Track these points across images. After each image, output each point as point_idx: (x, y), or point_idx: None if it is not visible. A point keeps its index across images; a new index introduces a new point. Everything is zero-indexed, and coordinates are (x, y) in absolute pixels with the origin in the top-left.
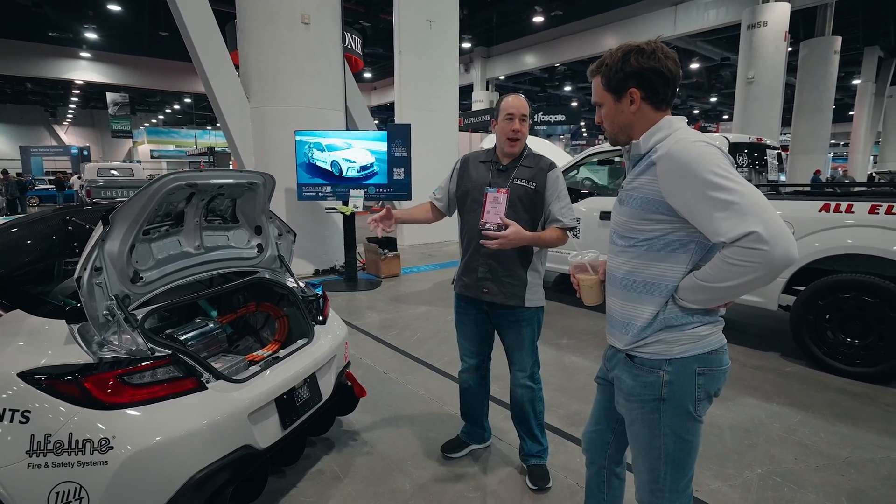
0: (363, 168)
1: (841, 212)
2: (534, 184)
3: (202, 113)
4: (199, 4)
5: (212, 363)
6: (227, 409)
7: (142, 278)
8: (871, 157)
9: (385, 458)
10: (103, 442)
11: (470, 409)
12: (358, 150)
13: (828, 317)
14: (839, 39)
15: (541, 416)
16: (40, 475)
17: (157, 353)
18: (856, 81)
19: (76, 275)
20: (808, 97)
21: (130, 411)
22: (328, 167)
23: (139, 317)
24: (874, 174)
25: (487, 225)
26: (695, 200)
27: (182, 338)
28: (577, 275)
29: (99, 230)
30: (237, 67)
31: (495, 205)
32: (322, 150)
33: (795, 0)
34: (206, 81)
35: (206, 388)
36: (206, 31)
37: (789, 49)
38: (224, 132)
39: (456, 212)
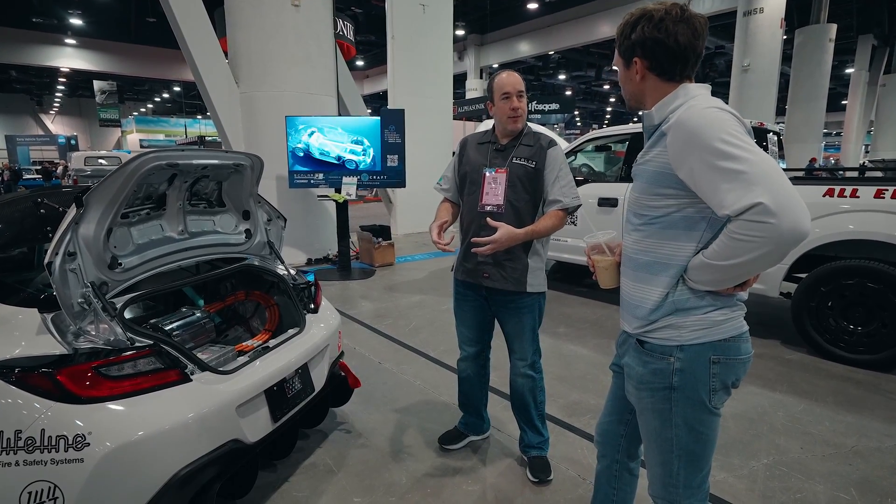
0: (356, 154)
1: (846, 196)
2: (533, 162)
3: (192, 101)
4: None
5: (198, 354)
6: (214, 402)
7: (121, 264)
8: (864, 147)
9: (380, 451)
10: (79, 438)
11: (468, 399)
12: (351, 136)
13: (830, 304)
14: (834, 27)
15: (542, 406)
16: (10, 474)
17: (137, 344)
18: (849, 70)
19: (46, 260)
20: (802, 85)
21: (108, 405)
22: (320, 154)
23: (118, 305)
24: (867, 162)
25: (487, 207)
26: (701, 170)
27: (167, 327)
28: (593, 256)
29: (72, 212)
30: (227, 55)
31: (494, 185)
32: (314, 137)
33: None
34: (194, 65)
35: (191, 381)
36: (192, 13)
37: (784, 37)
38: (213, 118)
39: None
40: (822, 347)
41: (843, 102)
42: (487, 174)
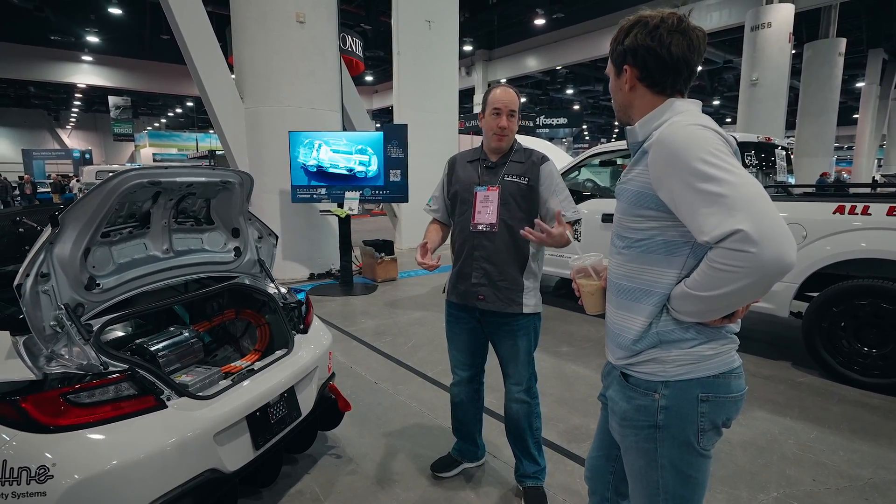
0: (359, 169)
1: (857, 213)
2: (526, 179)
3: (203, 116)
4: (192, 2)
5: (184, 375)
6: (190, 430)
7: (99, 285)
8: (877, 161)
9: (370, 478)
10: (42, 470)
11: (462, 426)
12: (354, 151)
13: (842, 324)
14: (843, 41)
15: (538, 433)
16: None
17: (111, 369)
18: (860, 84)
19: (16, 281)
20: (812, 99)
21: (77, 434)
22: (323, 168)
23: (95, 327)
24: (881, 177)
25: (479, 227)
26: (680, 192)
27: (153, 348)
28: (579, 279)
29: (47, 232)
30: (233, 70)
31: (486, 204)
32: (317, 152)
33: (799, 1)
34: (199, 81)
35: (167, 407)
36: (198, 30)
37: (793, 51)
38: (217, 133)
39: None
40: (835, 370)
41: (855, 116)
42: (479, 193)
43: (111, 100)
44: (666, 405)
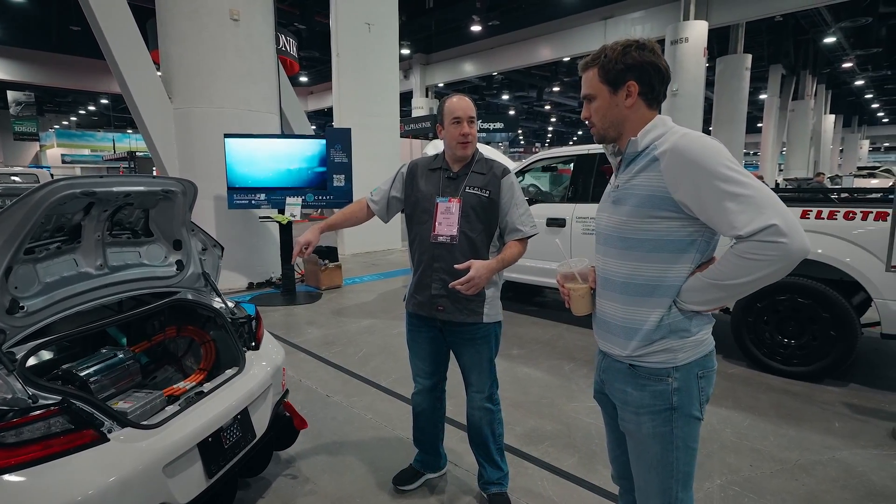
0: (300, 174)
1: None
2: (487, 191)
3: (121, 115)
4: None
5: (121, 402)
6: (136, 464)
7: (23, 308)
8: (778, 165)
9: (329, 497)
10: None
11: (424, 436)
12: (294, 156)
13: (766, 319)
14: (749, 57)
15: (500, 439)
16: None
17: (41, 402)
18: (763, 96)
19: None
20: (723, 109)
21: (3, 479)
22: (261, 173)
23: (19, 355)
24: (784, 181)
25: (440, 238)
26: (707, 193)
27: (84, 373)
28: (567, 284)
29: None
30: (158, 67)
31: (447, 215)
32: (255, 155)
33: (712, 18)
34: (122, 79)
35: (108, 440)
36: (118, 22)
37: (707, 65)
38: (143, 135)
39: (392, 218)
40: (760, 361)
41: (759, 125)
42: (440, 204)
43: (10, 95)
44: (678, 387)
